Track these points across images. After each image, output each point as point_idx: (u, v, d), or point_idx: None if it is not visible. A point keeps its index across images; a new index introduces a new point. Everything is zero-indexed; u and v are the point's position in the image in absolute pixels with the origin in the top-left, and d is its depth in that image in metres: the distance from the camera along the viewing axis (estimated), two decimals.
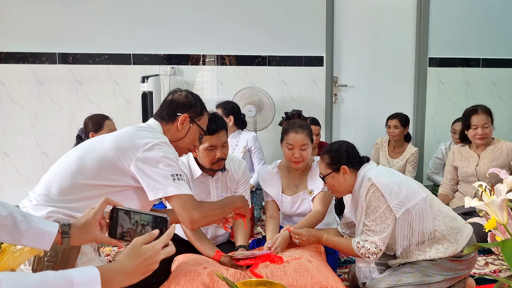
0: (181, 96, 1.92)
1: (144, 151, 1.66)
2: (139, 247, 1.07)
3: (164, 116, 1.89)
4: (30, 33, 3.90)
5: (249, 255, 2.08)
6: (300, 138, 2.37)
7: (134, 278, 1.05)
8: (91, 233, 1.25)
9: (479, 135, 3.02)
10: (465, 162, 3.13)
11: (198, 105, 1.93)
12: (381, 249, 2.01)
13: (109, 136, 1.75)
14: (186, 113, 1.89)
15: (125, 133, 1.73)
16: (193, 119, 1.91)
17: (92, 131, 3.09)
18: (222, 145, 2.24)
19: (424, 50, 4.47)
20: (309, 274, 1.91)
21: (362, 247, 2.03)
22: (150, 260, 1.07)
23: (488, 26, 4.57)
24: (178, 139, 1.90)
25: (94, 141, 1.77)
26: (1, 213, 1.16)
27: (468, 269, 2.11)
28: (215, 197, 2.40)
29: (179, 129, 1.88)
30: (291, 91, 4.29)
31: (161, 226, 1.15)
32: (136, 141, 1.68)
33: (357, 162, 2.16)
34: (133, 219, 1.21)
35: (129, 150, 1.66)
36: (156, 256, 1.08)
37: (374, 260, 2.07)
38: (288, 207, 2.52)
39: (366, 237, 2.03)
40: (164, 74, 4.03)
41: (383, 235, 2.00)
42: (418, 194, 2.02)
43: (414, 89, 4.59)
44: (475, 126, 3.02)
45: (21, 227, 1.17)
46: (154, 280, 2.16)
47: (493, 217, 1.27)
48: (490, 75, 4.66)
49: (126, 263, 1.05)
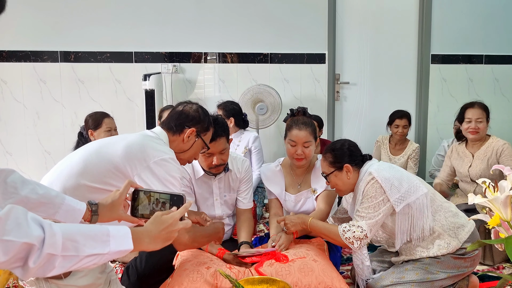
0: (191, 110, 1.95)
1: (152, 164, 1.70)
2: (160, 216, 1.20)
3: (172, 127, 1.91)
4: (32, 32, 3.89)
5: (255, 252, 2.08)
6: (303, 135, 2.37)
7: (158, 243, 1.19)
8: (116, 212, 1.39)
9: (472, 129, 2.95)
10: (460, 161, 3.09)
11: (206, 120, 1.97)
12: (367, 235, 1.99)
13: (119, 143, 1.75)
14: (193, 127, 1.92)
15: (135, 142, 1.75)
16: (199, 133, 1.95)
17: (91, 128, 3.09)
18: (220, 152, 2.21)
19: (426, 47, 4.45)
20: (314, 274, 1.91)
21: (347, 230, 2.01)
22: (171, 227, 1.20)
23: (491, 22, 4.55)
24: (182, 151, 1.93)
25: (102, 145, 1.78)
26: (39, 191, 1.34)
27: (472, 267, 2.10)
28: (218, 196, 2.40)
29: (184, 141, 1.91)
30: (293, 88, 4.28)
31: (178, 203, 1.30)
32: (145, 152, 1.72)
33: (360, 160, 2.16)
34: (153, 197, 1.36)
35: (137, 160, 1.69)
36: (175, 224, 1.21)
37: (358, 248, 2.04)
38: (291, 206, 2.52)
39: (354, 222, 2.03)
40: (166, 72, 4.03)
41: (371, 221, 1.99)
42: (419, 189, 2.02)
43: (416, 86, 4.57)
44: (469, 120, 2.97)
45: (56, 203, 1.33)
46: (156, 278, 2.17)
47: (497, 214, 1.27)
48: (493, 72, 4.64)
49: (151, 228, 1.18)
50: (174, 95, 4.09)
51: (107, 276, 1.74)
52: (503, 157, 2.89)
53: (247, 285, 1.77)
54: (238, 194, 2.45)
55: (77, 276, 1.60)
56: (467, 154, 3.06)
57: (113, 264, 2.65)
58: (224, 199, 2.42)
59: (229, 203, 2.45)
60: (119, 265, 2.68)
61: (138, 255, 2.26)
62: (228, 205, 2.45)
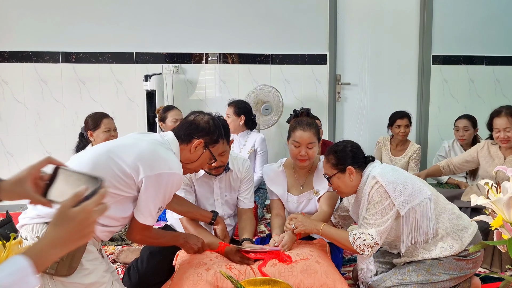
0: (202, 121, 1.95)
1: (157, 175, 1.70)
2: (67, 210, 0.92)
3: (181, 136, 1.91)
4: (33, 32, 3.89)
5: (259, 249, 2.08)
6: (307, 136, 2.36)
7: (71, 245, 0.92)
8: (21, 187, 1.09)
9: (501, 139, 2.90)
10: (490, 160, 3.01)
11: (216, 132, 1.95)
12: (377, 243, 1.99)
13: (131, 151, 1.73)
14: (202, 138, 1.92)
15: (146, 152, 1.74)
16: (208, 145, 1.94)
17: (90, 129, 3.09)
18: (220, 154, 2.19)
19: (427, 48, 4.45)
20: (316, 276, 1.91)
21: (358, 238, 2.01)
22: (84, 222, 0.92)
23: (492, 23, 4.55)
24: (189, 161, 1.93)
25: (112, 147, 1.76)
26: None
27: (474, 268, 2.10)
28: (219, 196, 2.40)
29: (191, 152, 1.91)
30: (294, 89, 4.27)
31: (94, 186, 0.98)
32: (154, 161, 1.72)
33: (363, 162, 2.15)
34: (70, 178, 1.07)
35: (143, 167, 1.69)
36: (90, 217, 0.93)
37: (370, 255, 2.04)
38: (294, 207, 2.51)
39: (363, 229, 2.02)
40: (167, 73, 4.03)
41: (380, 228, 1.98)
42: (423, 192, 2.01)
43: (417, 87, 4.57)
44: (497, 130, 2.92)
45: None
46: (157, 279, 2.16)
47: (500, 215, 1.26)
48: (494, 73, 4.64)
49: (56, 233, 0.91)
50: (175, 96, 4.08)
51: (111, 276, 1.74)
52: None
53: (249, 286, 1.76)
54: (239, 194, 2.45)
55: (82, 274, 1.60)
56: (499, 155, 2.99)
57: (114, 264, 2.64)
58: (225, 199, 2.42)
59: (230, 203, 2.45)
60: (121, 266, 2.68)
61: (140, 256, 2.26)
62: (229, 205, 2.45)
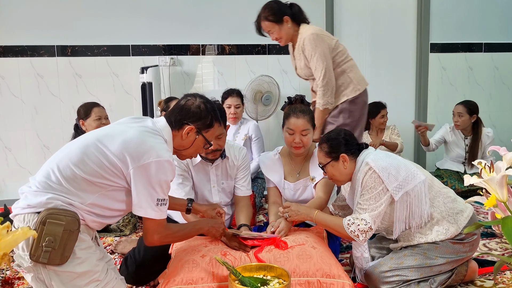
0: (193, 105, 1.84)
1: (145, 165, 1.63)
2: None
3: (171, 122, 1.83)
4: (28, 26, 3.88)
5: (256, 236, 2.08)
6: (301, 123, 2.35)
7: None
8: None
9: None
10: None
11: (208, 117, 1.85)
12: (371, 228, 1.98)
13: (117, 138, 1.68)
14: (193, 124, 1.82)
15: (132, 139, 1.67)
16: (200, 130, 1.84)
17: (82, 118, 3.11)
18: (217, 137, 2.18)
19: (425, 36, 4.42)
20: (312, 261, 1.90)
21: (352, 224, 2.00)
22: None
23: (490, 10, 4.51)
24: (183, 148, 1.86)
25: (101, 136, 1.71)
26: None
27: (471, 252, 2.09)
28: (215, 183, 2.40)
29: (183, 138, 1.83)
30: (291, 79, 4.25)
31: None
32: (140, 150, 1.64)
33: (356, 149, 2.14)
34: None
35: (130, 158, 1.63)
36: None
37: (364, 241, 2.03)
38: (290, 194, 2.51)
39: (357, 215, 2.02)
40: (163, 65, 4.01)
41: (374, 213, 1.98)
42: (416, 176, 2.00)
43: (415, 75, 4.54)
44: None
45: None
46: (154, 268, 2.16)
47: (493, 195, 1.25)
48: (492, 60, 4.61)
49: None
50: (172, 88, 4.07)
51: (105, 265, 1.74)
52: None
53: (245, 272, 1.76)
54: (236, 182, 2.44)
55: (75, 262, 1.60)
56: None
57: (112, 255, 2.65)
58: (221, 186, 2.42)
59: (227, 190, 2.45)
60: (118, 256, 2.68)
61: (137, 246, 2.26)
62: (226, 192, 2.45)
